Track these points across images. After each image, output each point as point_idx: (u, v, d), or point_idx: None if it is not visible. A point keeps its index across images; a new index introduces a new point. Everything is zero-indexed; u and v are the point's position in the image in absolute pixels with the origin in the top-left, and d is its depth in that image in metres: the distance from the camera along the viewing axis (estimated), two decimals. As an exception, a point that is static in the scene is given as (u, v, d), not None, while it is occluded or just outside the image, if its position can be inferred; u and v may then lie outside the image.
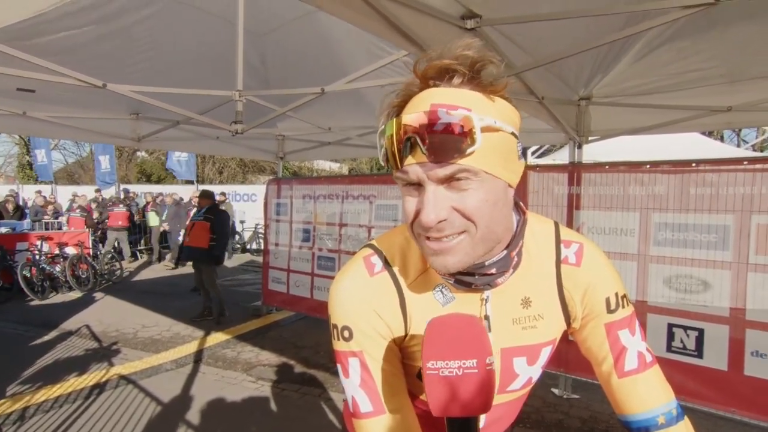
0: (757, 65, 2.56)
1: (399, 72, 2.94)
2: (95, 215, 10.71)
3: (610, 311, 0.82)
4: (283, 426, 3.24)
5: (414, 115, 0.63)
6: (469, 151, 0.61)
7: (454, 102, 0.63)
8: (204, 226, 5.62)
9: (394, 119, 0.65)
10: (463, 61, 0.64)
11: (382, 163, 0.68)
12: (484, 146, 0.62)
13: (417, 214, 0.66)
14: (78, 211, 9.98)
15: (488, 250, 0.70)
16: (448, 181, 0.64)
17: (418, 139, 0.62)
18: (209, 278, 5.78)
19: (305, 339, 5.10)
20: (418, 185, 0.66)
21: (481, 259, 0.71)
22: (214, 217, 5.72)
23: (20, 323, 5.70)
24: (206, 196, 5.97)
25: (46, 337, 5.13)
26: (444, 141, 0.61)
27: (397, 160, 0.65)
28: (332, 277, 0.84)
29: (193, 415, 3.33)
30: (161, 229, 10.72)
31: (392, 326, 0.79)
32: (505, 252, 0.74)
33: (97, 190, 13.32)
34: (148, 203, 11.77)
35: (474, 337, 0.61)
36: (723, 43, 2.34)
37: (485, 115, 0.63)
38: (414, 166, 0.64)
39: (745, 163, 2.89)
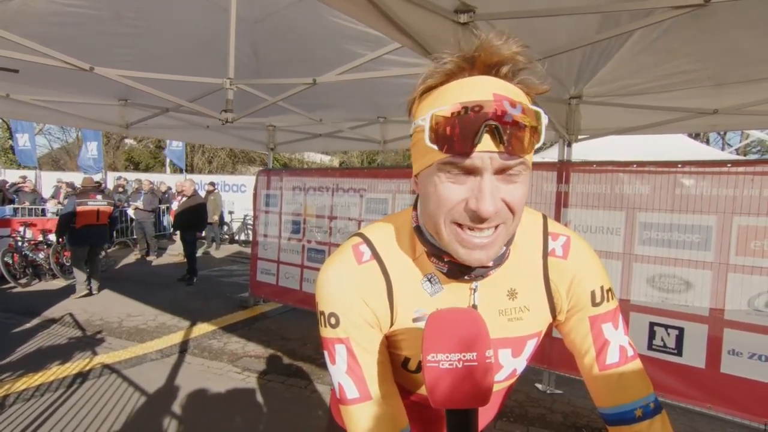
0: (742, 69, 2.61)
1: (392, 65, 2.93)
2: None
3: (595, 304, 0.83)
4: (268, 417, 3.24)
5: (489, 102, 0.61)
6: (536, 146, 0.64)
7: (513, 96, 0.64)
8: None
9: (461, 103, 0.62)
10: (519, 56, 0.65)
11: (428, 144, 0.64)
12: None
13: (461, 202, 0.65)
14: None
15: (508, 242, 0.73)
16: (503, 171, 0.64)
17: (500, 128, 0.61)
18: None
19: (292, 331, 5.10)
20: (467, 172, 0.64)
21: None
22: None
23: (1, 311, 5.60)
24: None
25: (28, 325, 5.04)
26: (522, 134, 0.62)
27: (461, 143, 0.62)
28: (322, 269, 0.84)
29: (178, 405, 3.31)
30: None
31: (379, 314, 0.79)
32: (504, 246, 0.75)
33: (119, 178, 13.27)
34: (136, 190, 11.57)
35: (474, 330, 0.62)
36: (710, 47, 2.38)
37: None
38: (483, 153, 0.62)
39: (729, 165, 2.94)
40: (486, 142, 0.62)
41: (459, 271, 0.75)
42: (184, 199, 7.57)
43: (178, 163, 14.75)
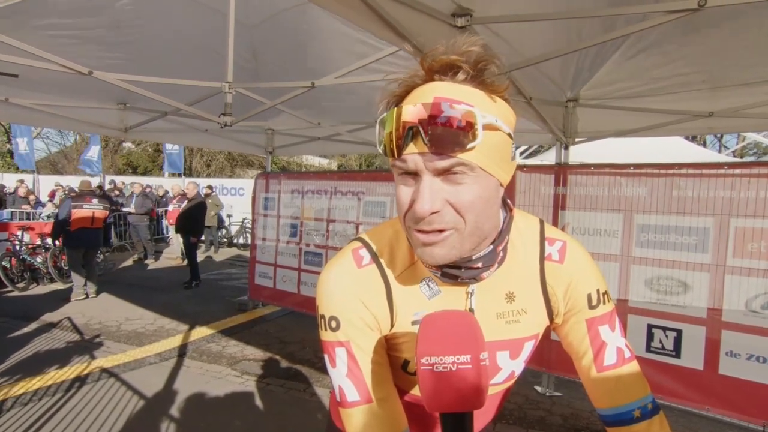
0: (737, 72, 2.62)
1: (390, 68, 2.95)
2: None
3: (591, 307, 0.84)
4: (267, 421, 3.24)
5: (417, 106, 0.64)
6: (469, 146, 0.63)
7: (458, 97, 0.64)
8: None
9: (396, 108, 0.66)
10: (467, 58, 0.66)
11: (380, 151, 0.69)
12: (484, 143, 0.64)
13: (411, 204, 0.67)
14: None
15: (476, 245, 0.72)
16: (445, 173, 0.65)
17: (421, 130, 0.63)
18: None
19: (291, 334, 5.09)
20: (415, 175, 0.66)
21: (468, 253, 0.72)
22: None
23: (-1, 314, 5.59)
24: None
25: (26, 329, 5.03)
26: (446, 133, 0.62)
27: (396, 148, 0.65)
28: (319, 273, 0.84)
29: (177, 409, 3.30)
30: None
31: (379, 317, 0.80)
32: (491, 247, 0.75)
33: (111, 182, 13.36)
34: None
35: (468, 332, 0.62)
36: (705, 49, 2.39)
37: (487, 113, 0.65)
38: (414, 155, 0.65)
39: (726, 167, 2.96)
40: (413, 145, 0.64)
41: (450, 274, 0.75)
42: (186, 201, 7.58)
43: (177, 166, 14.78)
